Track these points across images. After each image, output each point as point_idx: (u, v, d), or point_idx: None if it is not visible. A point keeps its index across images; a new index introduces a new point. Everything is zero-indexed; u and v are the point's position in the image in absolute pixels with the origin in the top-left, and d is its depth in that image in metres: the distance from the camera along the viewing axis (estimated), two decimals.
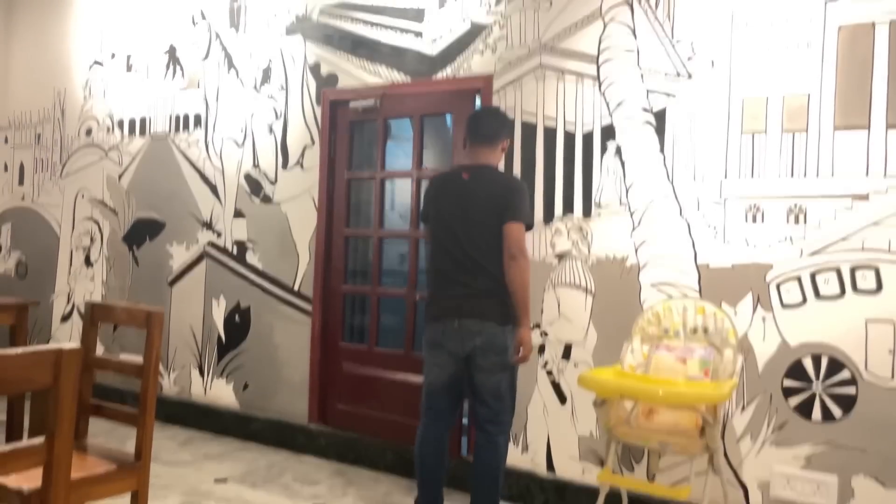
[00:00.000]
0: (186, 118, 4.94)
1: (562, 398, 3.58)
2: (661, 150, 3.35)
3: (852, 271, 2.96)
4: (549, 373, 3.61)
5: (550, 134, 3.63)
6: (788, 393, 3.07)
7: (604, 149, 3.49)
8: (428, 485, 3.16)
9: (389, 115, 4.19)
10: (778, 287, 3.09)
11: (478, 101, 3.90)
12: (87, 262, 5.37)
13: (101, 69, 5.37)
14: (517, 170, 3.70)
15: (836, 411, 2.98)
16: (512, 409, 3.16)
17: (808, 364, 3.03)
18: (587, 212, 3.53)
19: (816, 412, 3.01)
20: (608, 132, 3.48)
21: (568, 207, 3.58)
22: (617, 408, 2.98)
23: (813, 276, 3.03)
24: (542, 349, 3.63)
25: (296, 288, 4.45)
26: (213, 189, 4.79)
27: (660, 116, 3.36)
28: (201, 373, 4.81)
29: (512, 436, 3.63)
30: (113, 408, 2.67)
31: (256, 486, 3.79)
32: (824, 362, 3.00)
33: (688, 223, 3.28)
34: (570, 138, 3.58)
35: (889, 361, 2.89)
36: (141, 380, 2.47)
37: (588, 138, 3.53)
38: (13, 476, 2.07)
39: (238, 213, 4.69)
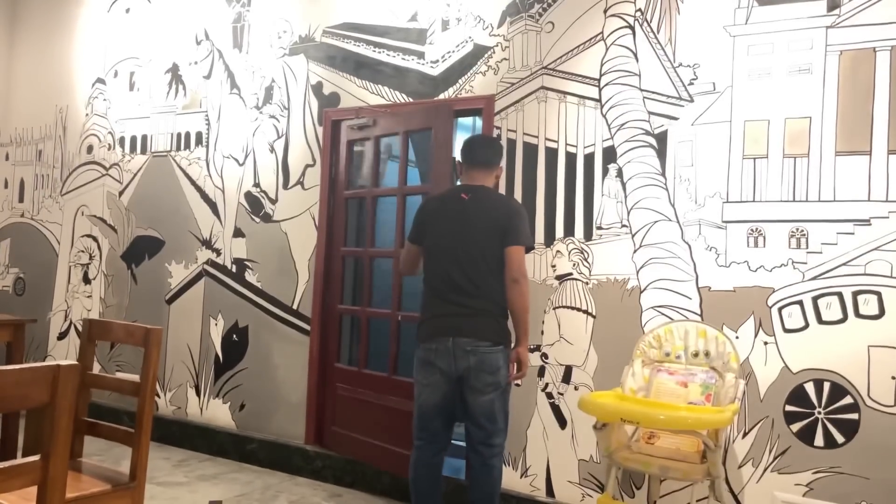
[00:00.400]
0: (188, 136, 4.95)
1: (562, 422, 3.55)
2: (663, 172, 3.36)
3: (854, 296, 2.95)
4: (549, 396, 3.58)
5: (552, 155, 3.63)
6: (790, 418, 3.04)
7: (605, 171, 3.50)
8: None
9: (382, 134, 4.16)
10: (780, 311, 3.08)
11: (478, 123, 3.89)
12: (86, 279, 5.35)
13: (104, 87, 5.39)
14: (518, 191, 3.70)
15: (839, 438, 2.95)
16: (505, 431, 3.13)
17: (810, 389, 3.01)
18: (588, 234, 3.52)
19: (819, 438, 2.99)
20: (609, 154, 3.49)
21: (569, 229, 3.57)
22: (617, 432, 2.95)
23: (815, 301, 3.02)
24: (542, 372, 3.60)
25: (294, 307, 4.43)
26: (214, 207, 4.79)
27: (661, 139, 3.37)
28: (198, 392, 4.77)
29: (511, 459, 3.60)
30: (108, 427, 2.64)
31: None
32: (826, 388, 2.98)
33: (689, 246, 3.27)
34: (571, 160, 3.59)
35: (892, 387, 2.87)
36: (137, 398, 2.44)
37: (589, 160, 3.54)
38: (7, 496, 2.04)
39: (238, 232, 4.68)
